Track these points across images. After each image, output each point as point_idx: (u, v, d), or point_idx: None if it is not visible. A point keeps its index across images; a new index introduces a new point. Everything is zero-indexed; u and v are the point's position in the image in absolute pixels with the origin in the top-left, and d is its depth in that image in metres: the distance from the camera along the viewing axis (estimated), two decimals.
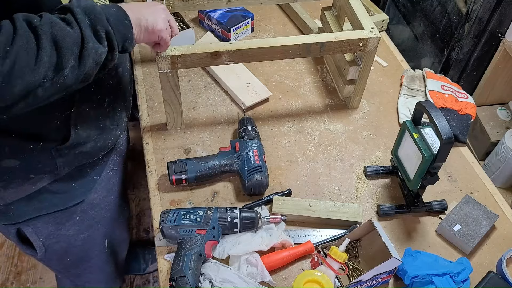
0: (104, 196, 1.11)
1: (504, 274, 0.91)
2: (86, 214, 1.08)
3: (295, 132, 1.20)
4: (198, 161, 1.04)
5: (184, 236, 0.89)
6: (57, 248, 1.10)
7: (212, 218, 0.91)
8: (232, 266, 0.90)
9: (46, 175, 0.94)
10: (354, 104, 1.26)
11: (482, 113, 1.73)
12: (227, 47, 1.00)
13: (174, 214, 0.92)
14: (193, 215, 0.91)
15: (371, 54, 1.11)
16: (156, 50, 0.96)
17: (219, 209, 0.93)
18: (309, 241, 0.95)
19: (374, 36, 1.06)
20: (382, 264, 0.82)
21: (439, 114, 0.87)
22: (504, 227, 1.03)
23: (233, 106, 1.25)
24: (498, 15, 1.43)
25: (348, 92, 1.24)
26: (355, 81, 1.20)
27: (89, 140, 0.95)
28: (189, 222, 0.91)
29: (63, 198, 1.01)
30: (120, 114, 1.03)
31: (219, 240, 0.92)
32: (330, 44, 1.05)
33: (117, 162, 1.14)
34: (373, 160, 1.15)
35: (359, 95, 1.24)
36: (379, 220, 1.03)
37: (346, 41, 1.05)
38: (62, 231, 1.06)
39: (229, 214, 0.93)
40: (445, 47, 1.64)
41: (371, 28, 1.08)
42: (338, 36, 1.05)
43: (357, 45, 1.07)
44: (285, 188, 1.06)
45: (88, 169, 1.03)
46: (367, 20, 1.10)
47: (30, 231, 1.02)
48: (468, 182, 1.12)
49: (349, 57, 1.19)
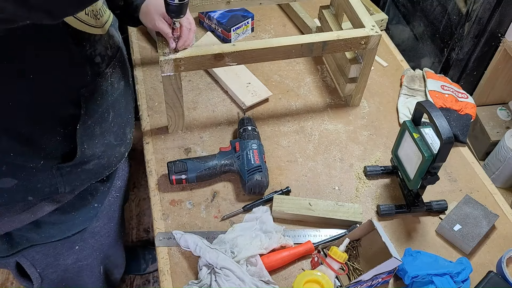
0: (105, 223, 1.09)
1: (504, 274, 0.91)
2: (86, 243, 1.06)
3: (295, 132, 1.20)
4: (198, 161, 1.04)
5: None
6: (53, 278, 1.07)
7: None
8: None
9: (46, 202, 0.89)
10: (355, 102, 1.26)
11: (482, 113, 1.73)
12: (230, 49, 0.99)
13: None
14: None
15: (372, 52, 1.11)
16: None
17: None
18: (309, 241, 0.95)
19: (376, 33, 1.06)
20: (382, 264, 0.82)
21: (439, 114, 0.87)
22: (504, 227, 1.03)
23: (233, 106, 1.25)
24: (498, 15, 1.43)
25: (350, 90, 1.24)
26: (357, 79, 1.20)
27: (93, 158, 0.91)
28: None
29: (63, 228, 0.97)
30: (124, 129, 0.99)
31: None
32: (332, 43, 1.05)
33: (119, 187, 1.12)
34: (373, 160, 1.15)
35: (360, 93, 1.24)
36: (379, 220, 1.03)
37: (348, 39, 1.05)
38: (61, 261, 1.04)
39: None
40: (445, 47, 1.64)
41: (372, 26, 1.08)
42: (340, 34, 1.05)
43: (358, 43, 1.07)
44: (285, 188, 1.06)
45: (89, 197, 1.00)
46: (368, 18, 1.10)
47: (28, 264, 0.99)
48: (468, 182, 1.12)
49: (350, 55, 1.19)
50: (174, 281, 0.90)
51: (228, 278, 0.85)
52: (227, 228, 0.97)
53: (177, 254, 0.94)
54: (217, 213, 1.02)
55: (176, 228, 0.98)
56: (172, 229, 0.98)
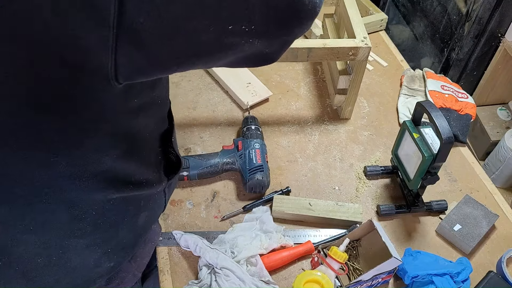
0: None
1: (504, 274, 0.91)
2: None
3: (295, 132, 1.20)
4: (200, 158, 1.04)
5: None
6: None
7: None
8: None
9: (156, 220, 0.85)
10: (346, 115, 1.23)
11: (482, 113, 1.73)
12: None
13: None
14: None
15: (361, 64, 1.07)
16: None
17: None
18: (309, 241, 0.95)
19: (365, 46, 1.02)
20: (382, 264, 0.82)
21: (439, 114, 0.87)
22: (504, 227, 1.03)
23: (233, 106, 1.25)
24: (498, 15, 1.43)
25: (339, 102, 1.21)
26: (346, 91, 1.17)
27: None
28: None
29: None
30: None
31: None
32: (317, 51, 1.02)
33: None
34: (373, 160, 1.15)
35: (351, 106, 1.21)
36: (379, 220, 1.03)
37: (334, 48, 1.02)
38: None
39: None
40: (445, 47, 1.64)
41: (363, 38, 1.04)
42: (326, 43, 1.02)
43: (346, 54, 1.03)
44: (285, 188, 1.06)
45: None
46: (361, 29, 1.07)
47: None
48: (468, 182, 1.12)
49: (341, 66, 1.16)
50: (174, 281, 0.90)
51: (228, 278, 0.85)
52: (227, 228, 0.97)
53: (177, 254, 0.94)
54: (217, 213, 1.02)
55: (176, 228, 0.98)
56: (172, 229, 0.98)
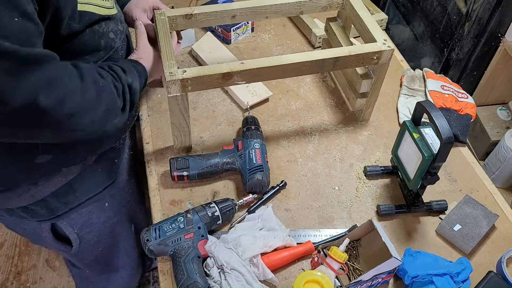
0: (127, 179, 1.16)
1: (504, 274, 0.91)
2: (114, 199, 1.14)
3: (295, 132, 1.20)
4: (200, 158, 1.04)
5: (175, 247, 0.88)
6: (90, 238, 1.13)
7: (194, 219, 0.92)
8: None
9: (75, 166, 0.96)
10: (366, 117, 1.23)
11: (482, 113, 1.73)
12: (239, 67, 0.95)
13: (156, 229, 0.90)
14: (175, 224, 0.91)
15: (384, 67, 1.07)
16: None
17: (197, 209, 0.94)
18: (309, 241, 0.95)
19: (388, 48, 1.02)
20: (382, 264, 0.82)
21: (439, 114, 0.87)
22: (504, 227, 1.03)
23: (233, 106, 1.25)
24: (498, 15, 1.43)
25: (360, 105, 1.21)
26: (367, 94, 1.17)
27: None
28: (173, 231, 0.90)
29: (93, 184, 1.04)
30: None
31: (208, 237, 0.92)
32: (344, 59, 1.01)
33: (131, 146, 1.18)
34: (373, 160, 1.15)
35: (371, 107, 1.21)
36: (379, 220, 1.03)
37: (360, 55, 1.02)
38: (94, 219, 1.10)
39: (208, 211, 0.94)
40: (445, 47, 1.64)
41: (383, 40, 1.04)
42: (351, 50, 1.02)
43: (370, 59, 1.03)
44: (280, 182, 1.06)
45: (109, 154, 1.05)
46: (379, 31, 1.06)
47: (65, 224, 1.05)
48: (468, 182, 1.12)
49: (362, 71, 1.16)
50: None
51: (238, 279, 0.85)
52: (228, 228, 0.97)
53: None
54: None
55: None
56: None
